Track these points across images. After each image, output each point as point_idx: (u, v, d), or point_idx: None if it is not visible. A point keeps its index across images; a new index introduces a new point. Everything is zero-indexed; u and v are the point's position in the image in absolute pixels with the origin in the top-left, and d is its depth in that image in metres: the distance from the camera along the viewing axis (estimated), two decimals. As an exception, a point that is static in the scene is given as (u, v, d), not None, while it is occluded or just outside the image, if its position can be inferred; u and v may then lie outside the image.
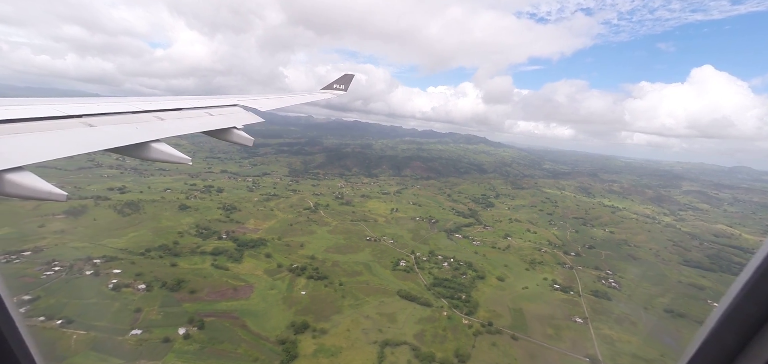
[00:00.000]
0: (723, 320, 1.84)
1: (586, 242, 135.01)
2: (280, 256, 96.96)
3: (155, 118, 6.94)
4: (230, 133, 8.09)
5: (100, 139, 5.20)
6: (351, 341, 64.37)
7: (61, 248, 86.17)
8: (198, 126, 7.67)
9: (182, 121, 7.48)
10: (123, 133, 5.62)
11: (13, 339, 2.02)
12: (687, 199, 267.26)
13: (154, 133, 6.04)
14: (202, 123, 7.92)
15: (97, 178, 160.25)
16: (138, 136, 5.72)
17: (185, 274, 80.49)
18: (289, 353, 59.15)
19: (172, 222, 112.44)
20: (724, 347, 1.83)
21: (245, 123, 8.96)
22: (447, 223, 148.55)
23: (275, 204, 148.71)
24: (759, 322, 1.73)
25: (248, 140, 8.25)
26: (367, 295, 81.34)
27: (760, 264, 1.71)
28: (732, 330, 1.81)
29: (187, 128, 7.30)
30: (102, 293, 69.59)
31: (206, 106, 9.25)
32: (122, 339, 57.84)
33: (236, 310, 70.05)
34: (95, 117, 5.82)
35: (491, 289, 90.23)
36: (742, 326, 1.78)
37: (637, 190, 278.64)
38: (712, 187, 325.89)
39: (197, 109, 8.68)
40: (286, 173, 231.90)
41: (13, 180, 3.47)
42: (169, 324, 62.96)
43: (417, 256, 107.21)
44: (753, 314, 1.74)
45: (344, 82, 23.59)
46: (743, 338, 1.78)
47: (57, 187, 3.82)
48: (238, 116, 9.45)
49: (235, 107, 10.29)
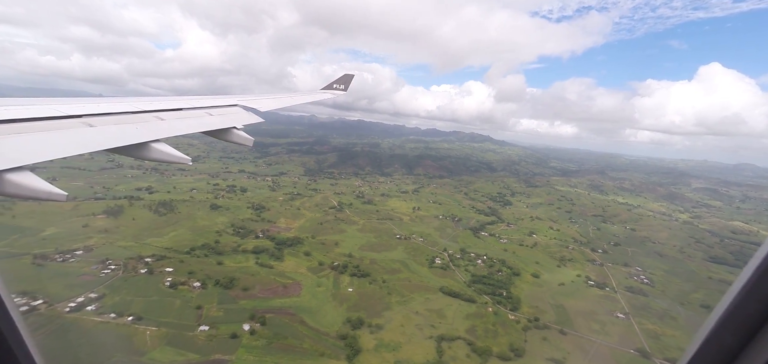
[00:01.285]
0: (723, 320, 1.85)
1: (609, 240, 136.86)
2: (319, 254, 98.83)
3: (155, 119, 6.93)
4: (230, 133, 8.01)
5: (100, 139, 5.23)
6: (407, 336, 66.30)
7: (109, 247, 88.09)
8: (198, 126, 7.63)
9: (182, 122, 7.45)
10: (123, 133, 5.66)
11: (13, 339, 2.03)
12: (698, 196, 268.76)
13: (154, 133, 6.09)
14: (202, 123, 7.89)
15: (122, 178, 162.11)
16: (138, 136, 5.77)
17: (233, 272, 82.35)
18: (352, 347, 61.10)
19: (208, 221, 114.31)
20: (724, 347, 1.84)
21: (245, 123, 8.93)
22: (470, 221, 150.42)
23: (300, 203, 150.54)
24: (759, 322, 1.73)
25: (248, 140, 8.18)
26: (411, 292, 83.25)
27: (760, 264, 1.73)
28: (732, 330, 1.81)
29: (187, 128, 7.26)
30: (160, 291, 71.51)
31: (206, 106, 9.19)
32: (192, 335, 59.77)
33: (291, 307, 71.96)
34: (95, 117, 5.83)
35: (528, 285, 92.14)
36: (742, 326, 1.78)
37: (649, 187, 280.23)
38: (720, 184, 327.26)
39: (197, 109, 8.65)
40: (302, 173, 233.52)
41: (12, 180, 3.47)
42: (232, 321, 64.86)
43: (450, 254, 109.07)
44: (753, 314, 1.74)
45: (344, 82, 23.51)
46: (743, 338, 1.77)
47: (57, 187, 3.75)
48: (238, 116, 9.41)
49: (235, 107, 10.19)
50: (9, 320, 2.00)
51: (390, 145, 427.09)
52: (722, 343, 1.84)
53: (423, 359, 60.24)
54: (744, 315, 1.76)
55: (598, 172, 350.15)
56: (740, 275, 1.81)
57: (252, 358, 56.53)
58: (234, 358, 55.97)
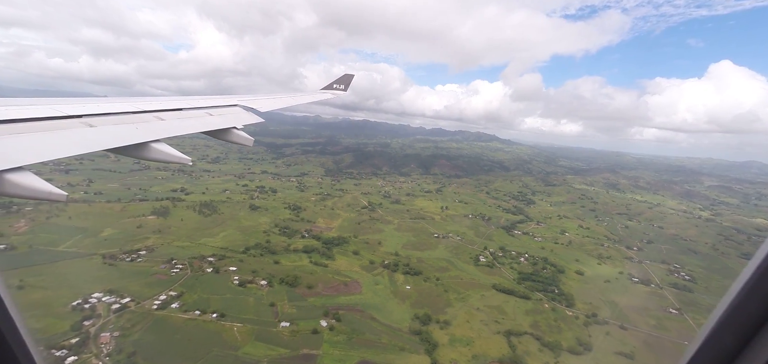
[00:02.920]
0: (723, 320, 1.84)
1: (640, 237, 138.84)
2: (367, 253, 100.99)
3: (155, 119, 6.91)
4: (230, 133, 8.03)
5: (100, 139, 5.23)
6: (475, 331, 68.42)
7: (168, 247, 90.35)
8: (198, 126, 7.65)
9: (182, 122, 7.44)
10: (123, 134, 5.66)
11: (13, 339, 2.03)
12: (713, 194, 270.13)
13: (154, 134, 6.07)
14: (202, 123, 7.91)
15: (153, 180, 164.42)
16: (138, 136, 5.76)
17: (292, 270, 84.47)
18: (428, 342, 63.26)
19: (251, 222, 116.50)
20: (724, 347, 1.84)
21: (245, 123, 8.92)
22: (500, 220, 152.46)
23: (332, 203, 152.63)
24: (759, 322, 1.73)
25: (248, 140, 8.17)
26: (466, 289, 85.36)
27: (760, 264, 1.73)
28: (732, 330, 1.81)
29: (188, 128, 7.25)
30: (231, 289, 73.71)
31: (206, 107, 9.16)
32: (276, 331, 61.96)
33: (357, 304, 74.12)
34: (95, 117, 5.82)
35: (575, 282, 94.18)
36: (742, 326, 1.78)
37: (664, 185, 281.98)
38: (732, 182, 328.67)
39: (197, 110, 8.64)
40: (322, 173, 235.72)
41: (13, 180, 3.50)
42: (306, 317, 67.04)
43: (492, 252, 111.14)
44: (753, 314, 1.74)
45: (344, 82, 23.44)
46: (743, 338, 1.78)
47: (57, 187, 3.78)
48: (238, 117, 9.41)
49: (236, 107, 10.19)
50: (9, 320, 2.01)
51: (400, 145, 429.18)
52: (722, 343, 1.85)
53: (498, 353, 62.39)
54: (744, 315, 1.77)
55: (610, 170, 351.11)
56: (740, 275, 1.83)
57: (337, 353, 58.68)
58: (321, 353, 58.12)
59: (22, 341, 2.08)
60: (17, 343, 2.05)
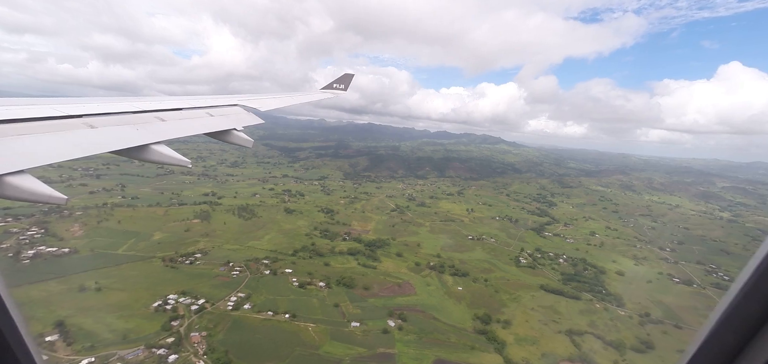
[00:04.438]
0: (723, 320, 1.84)
1: (669, 238, 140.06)
2: (410, 255, 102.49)
3: (156, 119, 6.83)
4: (230, 135, 7.95)
5: (101, 141, 5.19)
6: (536, 330, 69.83)
7: (219, 249, 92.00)
8: (199, 127, 7.53)
9: (183, 122, 7.33)
10: (124, 135, 5.60)
11: (13, 339, 2.02)
12: (729, 195, 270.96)
13: (155, 136, 6.01)
14: (202, 124, 7.79)
15: (181, 184, 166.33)
16: (139, 138, 5.67)
17: (343, 272, 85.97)
18: (495, 341, 64.70)
19: (291, 225, 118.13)
20: (724, 347, 1.83)
21: (245, 124, 8.81)
22: (527, 222, 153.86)
23: (361, 206, 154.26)
24: (759, 322, 1.72)
25: (248, 142, 8.05)
26: (515, 290, 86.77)
27: (759, 264, 1.72)
28: (732, 330, 1.81)
29: (189, 130, 7.15)
30: (293, 290, 75.27)
31: (206, 106, 9.03)
32: (348, 330, 63.45)
33: (416, 304, 75.57)
34: (96, 117, 5.77)
35: (618, 283, 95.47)
36: (742, 326, 1.77)
37: (679, 187, 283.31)
38: (743, 183, 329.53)
39: (197, 110, 8.52)
40: (342, 177, 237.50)
41: (13, 183, 3.48)
42: (372, 317, 68.53)
43: (529, 253, 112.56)
44: (753, 314, 1.73)
45: (344, 82, 23.27)
46: (743, 338, 1.77)
47: (57, 190, 3.73)
48: (239, 117, 9.32)
49: (236, 107, 10.08)
50: (9, 320, 2.01)
51: (409, 148, 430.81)
52: (722, 343, 1.84)
53: (565, 352, 63.77)
54: (744, 315, 1.76)
55: (621, 172, 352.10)
56: (740, 275, 1.83)
57: (411, 351, 60.12)
58: (396, 352, 59.55)
59: (22, 341, 2.07)
60: (17, 343, 2.04)
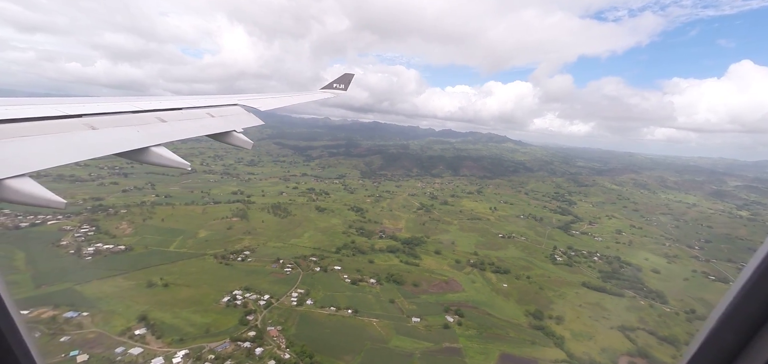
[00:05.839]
0: (723, 320, 1.84)
1: (695, 237, 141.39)
2: (448, 253, 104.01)
3: (156, 120, 6.76)
4: (230, 136, 7.93)
5: (102, 142, 5.14)
6: (590, 326, 71.27)
7: (265, 247, 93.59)
8: (200, 129, 7.48)
9: (183, 123, 7.27)
10: (125, 137, 5.56)
11: (13, 339, 2.02)
12: (743, 194, 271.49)
13: (156, 137, 5.95)
14: (203, 125, 7.75)
15: (206, 182, 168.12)
16: (140, 140, 5.61)
17: (388, 269, 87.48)
18: (553, 336, 66.21)
19: (325, 223, 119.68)
20: (724, 347, 1.83)
21: (245, 125, 8.75)
22: (551, 220, 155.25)
23: (387, 205, 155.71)
24: (759, 322, 1.73)
25: (247, 143, 8.01)
26: (558, 287, 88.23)
27: (759, 264, 1.72)
28: (732, 330, 1.81)
29: (189, 131, 7.08)
30: (346, 286, 76.86)
31: (206, 106, 8.94)
32: (411, 326, 65.01)
33: (467, 301, 77.10)
34: (96, 117, 5.71)
35: (656, 280, 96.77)
36: (742, 326, 1.77)
37: (693, 185, 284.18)
38: (755, 182, 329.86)
39: (198, 110, 8.45)
40: (359, 175, 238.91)
41: (12, 186, 3.42)
42: (428, 313, 70.07)
43: (563, 251, 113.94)
44: (753, 314, 1.74)
45: (344, 82, 23.38)
46: (743, 338, 1.77)
47: (56, 194, 3.67)
48: (239, 118, 9.29)
49: (236, 107, 10.00)
50: (9, 320, 2.00)
51: (418, 146, 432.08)
52: (722, 343, 1.84)
53: (622, 348, 65.22)
54: (744, 315, 1.77)
55: (632, 170, 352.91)
56: (740, 275, 1.83)
57: (475, 346, 61.64)
58: (461, 346, 61.09)
59: (22, 341, 2.08)
60: (17, 343, 2.05)
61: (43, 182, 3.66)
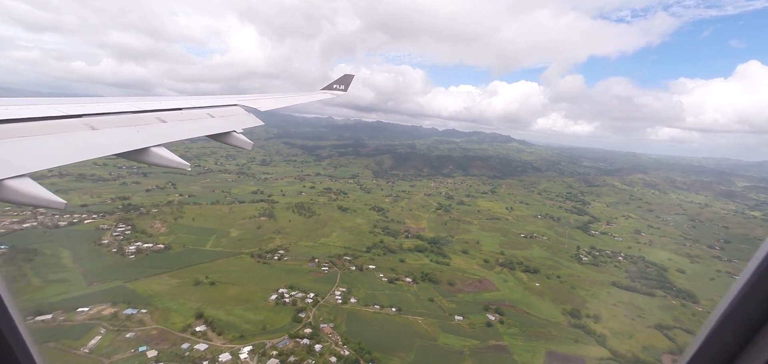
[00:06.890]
0: (723, 320, 1.84)
1: (714, 237, 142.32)
2: (475, 252, 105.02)
3: (156, 120, 6.79)
4: (230, 137, 7.98)
5: (102, 143, 5.16)
6: (627, 325, 72.22)
7: (297, 246, 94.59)
8: (200, 129, 7.50)
9: (183, 124, 7.31)
10: (125, 137, 5.58)
11: (13, 339, 2.02)
12: (752, 194, 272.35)
13: (156, 138, 5.97)
14: (203, 126, 7.77)
15: (225, 181, 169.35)
16: (140, 140, 5.64)
17: (421, 268, 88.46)
18: (594, 334, 67.21)
19: (351, 223, 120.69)
20: (724, 347, 1.83)
21: (245, 126, 8.80)
22: (569, 220, 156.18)
23: (406, 204, 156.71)
24: (759, 322, 1.73)
25: (247, 144, 8.09)
26: (589, 286, 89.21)
27: (759, 264, 1.72)
28: (732, 330, 1.81)
29: (189, 131, 7.12)
30: (384, 285, 77.88)
31: (207, 107, 8.96)
32: (454, 324, 66.01)
33: (503, 299, 78.09)
34: (96, 117, 5.73)
35: (683, 280, 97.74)
36: (742, 326, 1.77)
37: (701, 185, 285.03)
38: (761, 182, 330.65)
39: (198, 110, 8.50)
40: (371, 175, 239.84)
41: (12, 186, 3.42)
42: (470, 311, 71.10)
43: (587, 251, 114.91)
44: (753, 314, 1.74)
45: (344, 83, 23.50)
46: (743, 338, 1.77)
47: (56, 195, 3.64)
48: (239, 119, 9.35)
49: (236, 107, 10.05)
50: (9, 320, 2.01)
51: (425, 146, 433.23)
52: (722, 343, 1.84)
53: (662, 346, 66.20)
54: (744, 315, 1.77)
55: (640, 171, 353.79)
56: (740, 275, 1.82)
57: (520, 343, 62.64)
58: (506, 343, 62.09)
59: (22, 341, 2.08)
60: (17, 343, 2.06)
61: (61, 182, 4.15)
